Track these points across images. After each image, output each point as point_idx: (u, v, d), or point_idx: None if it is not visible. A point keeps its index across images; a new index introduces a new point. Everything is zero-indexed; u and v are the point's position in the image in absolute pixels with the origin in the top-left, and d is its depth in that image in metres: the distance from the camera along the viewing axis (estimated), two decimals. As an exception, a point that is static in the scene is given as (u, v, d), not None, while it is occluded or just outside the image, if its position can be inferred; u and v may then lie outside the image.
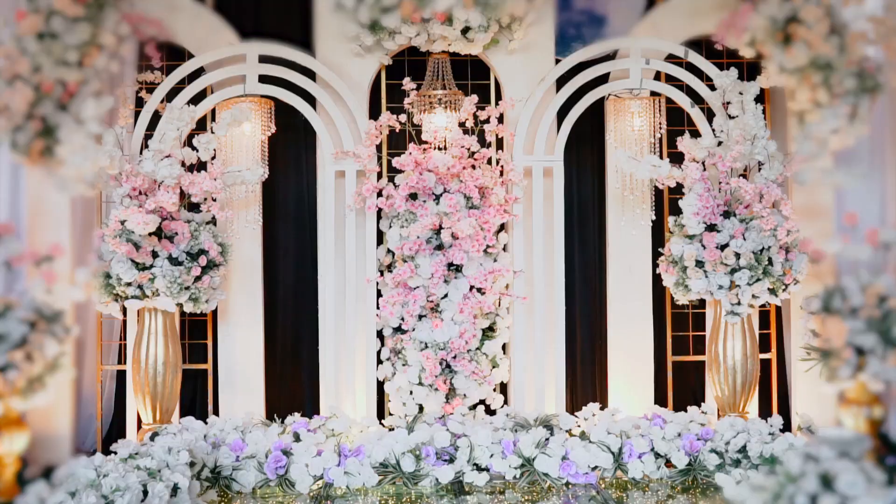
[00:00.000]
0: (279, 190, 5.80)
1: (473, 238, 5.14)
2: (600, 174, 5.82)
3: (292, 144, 5.78)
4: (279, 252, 5.82)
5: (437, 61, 5.43)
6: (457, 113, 5.35)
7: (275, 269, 5.78)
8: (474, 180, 5.17)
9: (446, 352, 5.20)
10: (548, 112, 5.32)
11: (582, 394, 5.83)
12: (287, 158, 5.81)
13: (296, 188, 5.84)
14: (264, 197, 5.63)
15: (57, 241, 3.02)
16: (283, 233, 5.84)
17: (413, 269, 5.18)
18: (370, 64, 5.48)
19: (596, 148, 5.81)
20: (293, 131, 5.72)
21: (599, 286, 5.83)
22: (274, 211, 5.79)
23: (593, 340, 5.87)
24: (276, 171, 5.69)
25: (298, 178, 5.83)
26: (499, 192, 5.21)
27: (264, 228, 5.63)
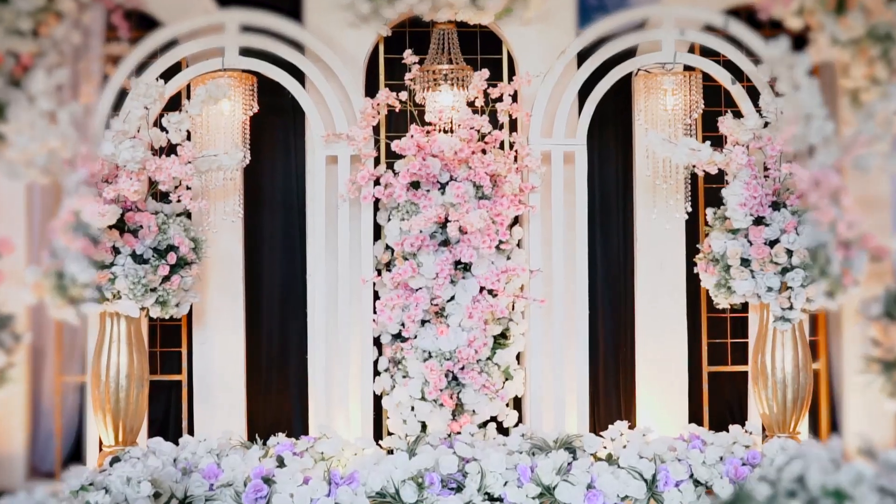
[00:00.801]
0: (264, 178, 5.16)
1: (484, 233, 4.49)
2: (626, 160, 5.16)
3: (279, 126, 5.14)
4: (264, 248, 5.17)
5: (443, 32, 4.78)
6: (465, 91, 4.70)
7: (259, 268, 5.12)
8: (485, 167, 4.52)
9: (453, 362, 4.55)
10: (568, 89, 4.67)
11: (605, 408, 5.17)
12: (273, 142, 5.16)
13: (283, 175, 5.19)
14: (247, 185, 4.99)
15: (7, 236, 2.74)
16: (269, 226, 5.18)
17: (415, 268, 4.54)
18: (367, 36, 4.83)
19: (620, 130, 5.15)
20: (280, 112, 5.08)
21: (625, 286, 5.17)
22: (258, 201, 5.14)
23: (618, 348, 5.21)
24: (261, 156, 5.06)
25: (286, 165, 5.18)
26: (513, 181, 4.56)
27: (246, 221, 4.99)
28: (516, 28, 4.85)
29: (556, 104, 4.70)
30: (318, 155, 4.67)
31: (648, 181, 4.87)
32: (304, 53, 4.75)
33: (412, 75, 4.62)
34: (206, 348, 4.89)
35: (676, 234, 4.98)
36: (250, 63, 4.63)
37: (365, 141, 4.57)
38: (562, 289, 4.68)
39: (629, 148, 5.12)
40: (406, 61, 4.61)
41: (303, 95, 4.66)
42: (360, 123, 4.58)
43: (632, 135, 5.07)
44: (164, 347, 5.02)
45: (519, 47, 4.87)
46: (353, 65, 4.78)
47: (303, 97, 4.66)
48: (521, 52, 4.86)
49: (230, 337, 4.89)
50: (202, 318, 4.87)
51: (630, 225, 5.14)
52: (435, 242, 4.58)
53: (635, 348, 5.07)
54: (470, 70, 4.70)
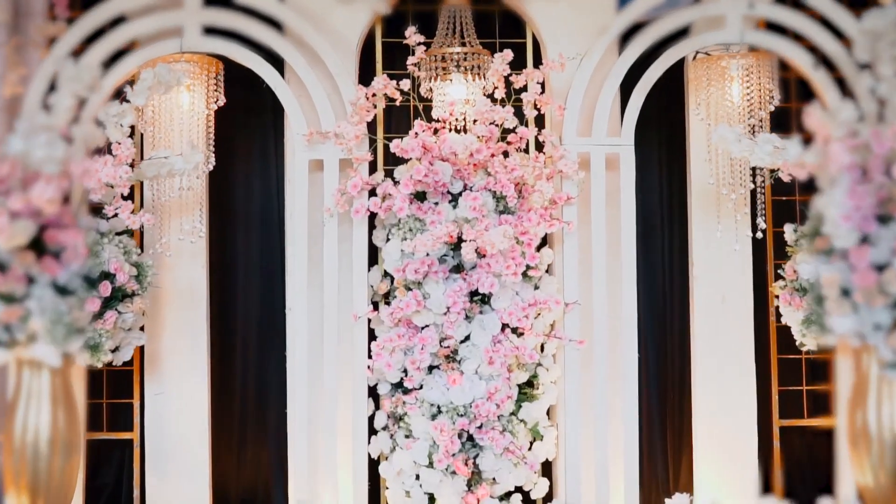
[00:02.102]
0: (235, 188, 4.25)
1: (507, 256, 3.55)
2: (676, 165, 4.23)
3: (255, 125, 4.24)
4: (235, 275, 4.23)
5: (455, 10, 3.87)
6: (481, 80, 3.78)
7: (228, 300, 4.19)
8: (508, 172, 3.59)
9: (468, 419, 3.60)
10: (611, 77, 3.74)
11: (654, 474, 4.20)
12: (247, 144, 4.26)
13: (260, 185, 4.28)
14: (212, 197, 4.07)
15: None
16: (241, 248, 4.26)
17: (420, 301, 3.60)
18: (360, 14, 3.93)
19: (666, 128, 4.23)
20: (256, 107, 4.18)
21: (678, 322, 4.23)
22: (227, 217, 4.22)
23: (668, 397, 4.25)
24: (232, 161, 4.18)
25: (264, 172, 4.27)
26: (544, 190, 3.62)
27: (212, 242, 4.06)
28: (544, 5, 3.95)
29: (594, 96, 3.77)
30: (300, 159, 3.75)
31: (707, 191, 3.94)
32: (284, 34, 3.84)
33: (416, 59, 3.70)
34: (161, 400, 3.94)
35: (743, 257, 4.04)
36: (215, 45, 3.69)
37: (357, 141, 3.64)
38: (604, 326, 3.73)
39: (680, 150, 4.19)
40: (409, 41, 3.69)
41: (280, 85, 3.74)
42: (352, 118, 3.65)
43: (684, 133, 4.14)
44: (114, 398, 4.08)
45: (547, 29, 3.95)
46: (343, 49, 3.87)
47: (280, 87, 3.74)
48: (550, 35, 3.95)
49: (191, 386, 3.94)
50: (156, 364, 3.93)
51: (684, 246, 4.20)
52: (445, 268, 3.65)
53: (692, 398, 4.11)
54: (487, 54, 3.79)
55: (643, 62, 3.80)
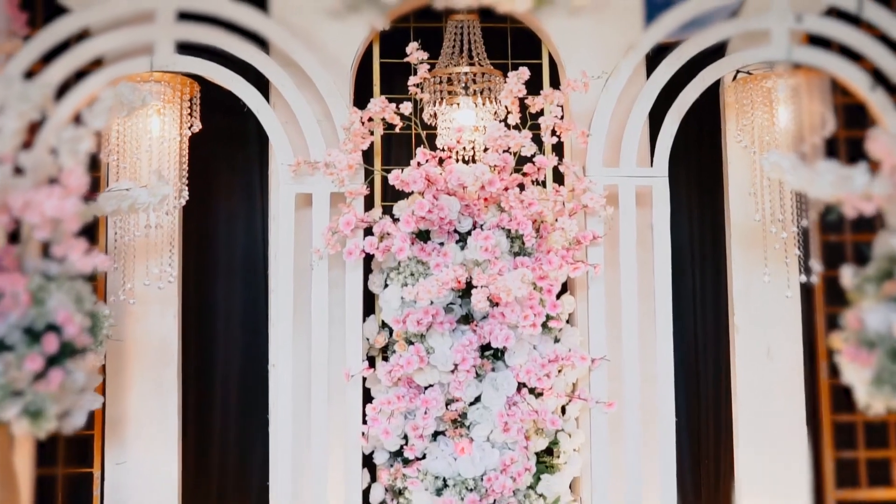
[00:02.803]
0: (217, 226, 3.77)
1: (525, 304, 3.05)
2: (706, 198, 3.77)
3: (240, 156, 3.77)
4: (215, 325, 3.73)
5: (463, 25, 3.43)
6: (493, 104, 3.33)
7: (204, 356, 3.68)
8: (525, 207, 3.11)
9: (479, 495, 3.07)
10: (640, 101, 3.28)
11: (693, 554, 3.66)
12: (230, 177, 3.79)
13: (245, 223, 3.79)
14: (190, 236, 3.60)
15: None
16: (223, 294, 3.76)
17: (423, 357, 3.09)
18: (356, 30, 3.48)
19: (695, 158, 3.76)
20: (240, 135, 3.72)
21: (715, 379, 3.72)
22: (204, 260, 3.74)
23: (704, 466, 3.72)
24: (213, 195, 3.74)
25: (249, 208, 3.79)
26: (567, 228, 3.13)
27: (188, 287, 3.58)
28: (562, 20, 3.50)
29: (621, 121, 3.31)
30: (285, 193, 3.27)
31: (750, 229, 3.46)
32: (270, 53, 3.40)
33: (419, 79, 3.24)
34: (124, 471, 3.41)
35: (791, 305, 3.55)
36: (190, 64, 3.26)
37: (351, 171, 3.17)
38: (635, 386, 3.22)
39: (714, 182, 3.72)
40: (410, 59, 3.24)
41: (264, 109, 3.28)
42: (345, 146, 3.18)
43: (718, 163, 3.68)
44: (70, 468, 3.55)
45: (566, 48, 3.50)
46: (336, 69, 3.42)
47: (263, 110, 3.28)
48: (569, 55, 3.50)
49: (159, 455, 3.42)
50: (119, 429, 3.41)
51: (719, 291, 3.72)
52: (452, 318, 3.15)
53: (733, 467, 3.59)
54: (499, 75, 3.34)
55: (671, 85, 3.35)
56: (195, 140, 3.53)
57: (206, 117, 3.54)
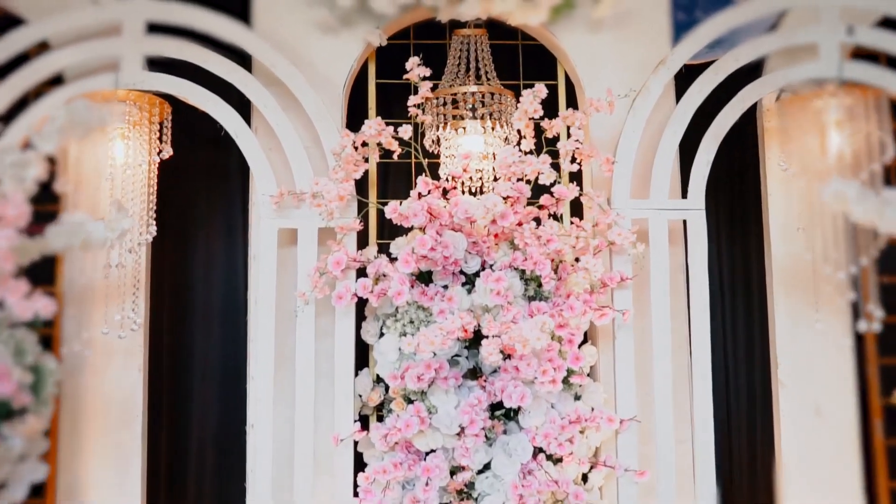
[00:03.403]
0: (193, 266, 3.37)
1: (542, 356, 2.62)
2: (737, 233, 3.37)
3: (220, 188, 3.37)
4: (190, 379, 3.31)
5: (469, 40, 3.05)
6: (504, 129, 2.93)
7: (180, 412, 3.25)
8: (542, 245, 2.69)
9: (489, 580, 2.62)
10: (673, 124, 2.89)
11: None
12: (210, 211, 3.40)
13: (225, 263, 3.38)
14: (162, 277, 3.19)
15: None
16: (201, 344, 3.34)
17: (424, 418, 2.66)
18: (349, 46, 3.09)
19: (726, 188, 3.36)
20: (221, 165, 3.33)
21: (759, 442, 3.28)
22: (180, 303, 3.33)
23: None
24: (190, 232, 3.35)
25: (229, 246, 3.38)
26: (592, 268, 2.71)
27: (158, 335, 3.16)
28: (581, 35, 3.12)
29: (649, 146, 2.92)
30: (267, 228, 2.86)
31: (796, 269, 3.04)
32: (252, 71, 3.01)
33: (420, 98, 2.85)
34: (79, 549, 2.96)
35: (842, 355, 3.12)
36: (160, 81, 2.87)
37: (342, 203, 2.76)
38: (669, 450, 2.78)
39: (749, 215, 3.32)
40: (410, 76, 2.85)
41: (243, 132, 2.88)
42: (335, 174, 2.77)
43: (754, 194, 3.27)
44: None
45: (585, 66, 3.11)
46: (327, 89, 3.03)
47: (243, 134, 2.88)
48: (589, 74, 3.11)
49: (119, 529, 2.97)
50: (73, 501, 2.96)
51: (751, 338, 3.30)
52: (458, 373, 2.73)
53: (780, 541, 3.14)
54: (510, 95, 2.95)
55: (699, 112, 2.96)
56: (169, 169, 3.14)
57: (182, 144, 3.15)
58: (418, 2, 3.01)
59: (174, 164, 3.17)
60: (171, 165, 3.16)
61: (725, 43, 3.11)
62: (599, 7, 3.08)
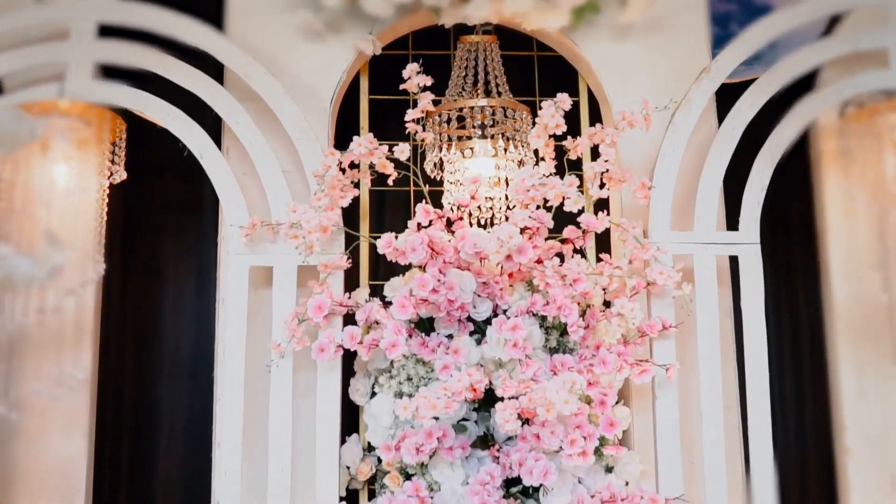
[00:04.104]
0: (157, 313, 2.89)
1: (569, 423, 2.13)
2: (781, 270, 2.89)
3: (192, 222, 2.90)
4: (154, 447, 2.80)
5: (478, 48, 2.62)
6: (520, 149, 2.48)
7: (139, 489, 2.75)
8: (568, 286, 2.22)
9: None
10: (720, 141, 2.44)
11: None
12: (178, 249, 2.91)
13: (195, 307, 2.89)
14: (121, 324, 2.72)
15: None
16: (166, 405, 2.84)
17: (425, 498, 2.16)
18: (338, 54, 2.66)
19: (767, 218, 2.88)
20: (193, 196, 2.86)
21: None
22: (143, 356, 2.84)
23: None
24: (154, 269, 2.88)
25: (201, 287, 2.89)
26: (630, 313, 2.23)
27: (111, 393, 2.68)
28: (606, 46, 2.69)
29: (687, 171, 2.47)
30: (236, 266, 2.39)
31: (864, 316, 2.57)
32: (224, 83, 2.57)
33: (420, 111, 2.40)
34: None
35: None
36: (113, 92, 2.42)
37: (325, 235, 2.29)
38: (723, 535, 2.29)
39: (801, 250, 2.86)
40: (408, 86, 2.40)
41: (210, 153, 2.43)
42: (317, 200, 2.31)
43: (807, 225, 2.81)
44: None
45: (611, 79, 2.68)
46: (311, 103, 2.58)
47: (209, 155, 2.42)
48: (616, 88, 2.67)
49: None
50: None
51: (818, 399, 2.81)
52: (465, 441, 2.24)
53: None
54: (525, 111, 2.51)
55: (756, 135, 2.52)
56: (132, 198, 2.72)
57: (148, 169, 2.73)
58: (418, 2, 2.58)
59: (137, 193, 2.76)
60: (133, 194, 2.73)
61: (764, 58, 2.69)
62: (628, 11, 2.66)
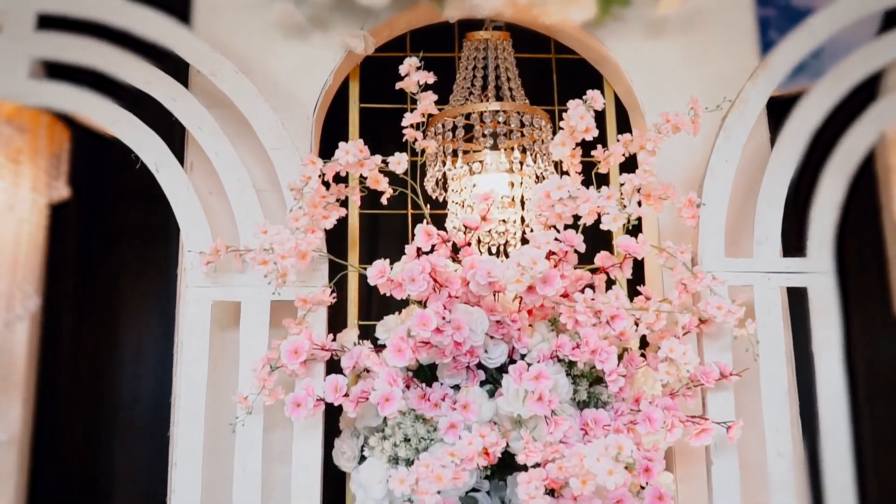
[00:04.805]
0: (115, 356, 2.46)
1: (608, 497, 1.69)
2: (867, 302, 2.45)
3: (153, 246, 2.47)
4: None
5: (487, 45, 2.23)
6: (539, 163, 2.08)
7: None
8: (604, 324, 1.79)
9: None
10: (781, 149, 2.03)
11: None
12: (136, 278, 2.49)
13: (158, 352, 2.45)
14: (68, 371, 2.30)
15: None
16: (120, 466, 2.40)
17: (426, 593, 1.71)
18: (324, 54, 2.26)
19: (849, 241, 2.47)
20: (156, 222, 2.43)
21: None
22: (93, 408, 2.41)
23: None
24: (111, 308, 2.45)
25: (165, 327, 2.46)
26: (682, 357, 1.80)
27: (52, 453, 2.24)
28: (635, 41, 2.30)
29: (742, 188, 2.06)
30: (197, 301, 1.97)
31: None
32: (189, 86, 2.18)
33: (420, 114, 1.98)
34: None
35: None
36: (53, 94, 2.02)
37: (304, 263, 1.86)
38: None
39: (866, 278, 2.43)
40: (405, 85, 1.99)
41: (166, 165, 2.02)
42: (294, 220, 1.89)
43: (882, 253, 2.39)
44: None
45: (643, 82, 2.29)
46: (290, 110, 2.18)
47: (165, 168, 2.01)
48: (649, 92, 2.28)
49: None
50: None
51: (894, 459, 2.36)
52: (476, 518, 1.80)
53: None
54: (544, 117, 2.11)
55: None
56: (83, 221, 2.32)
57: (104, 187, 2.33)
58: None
59: (90, 215, 2.36)
60: (85, 216, 2.34)
61: (808, 70, 2.30)
62: (663, 2, 2.27)
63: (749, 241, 2.02)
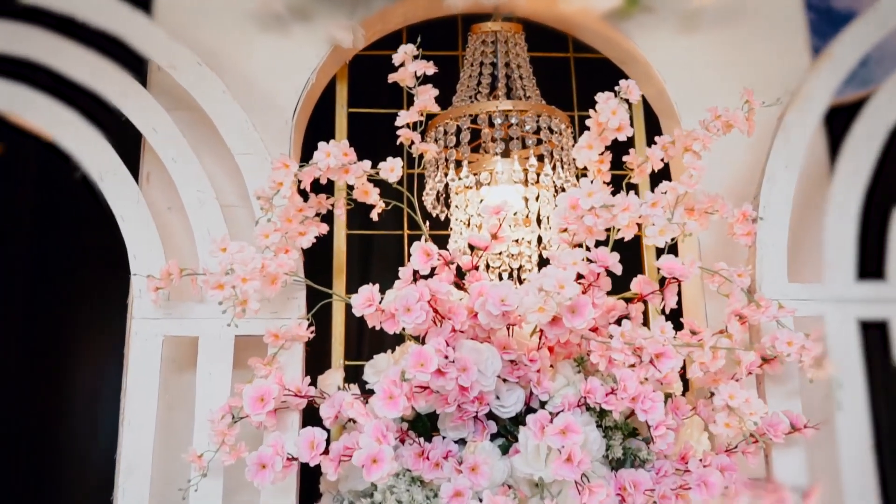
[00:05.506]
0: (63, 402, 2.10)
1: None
2: None
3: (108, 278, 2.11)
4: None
5: (496, 38, 1.91)
6: (560, 172, 1.75)
7: None
8: (645, 365, 1.44)
9: None
10: (849, 158, 1.70)
11: None
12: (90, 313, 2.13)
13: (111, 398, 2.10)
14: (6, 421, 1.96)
15: None
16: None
17: None
18: (305, 50, 1.94)
19: None
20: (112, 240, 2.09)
21: None
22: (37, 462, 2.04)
23: None
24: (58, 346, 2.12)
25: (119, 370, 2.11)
26: (745, 405, 1.44)
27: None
28: (669, 40, 1.99)
29: (802, 202, 1.72)
30: (145, 336, 1.62)
31: None
32: (148, 84, 1.86)
33: (417, 111, 1.65)
34: None
35: None
36: (-21, 91, 1.70)
37: (272, 288, 1.52)
38: None
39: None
40: (399, 77, 1.66)
41: (111, 173, 1.68)
42: (262, 236, 1.54)
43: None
44: None
45: (677, 81, 1.97)
46: (265, 114, 1.86)
47: (110, 177, 1.68)
48: (684, 93, 1.95)
49: None
50: None
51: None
52: None
53: None
54: (563, 119, 1.78)
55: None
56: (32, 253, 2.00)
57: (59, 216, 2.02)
58: (415, -24, 1.89)
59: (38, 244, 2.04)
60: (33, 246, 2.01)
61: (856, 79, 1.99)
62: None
63: (809, 263, 1.68)
